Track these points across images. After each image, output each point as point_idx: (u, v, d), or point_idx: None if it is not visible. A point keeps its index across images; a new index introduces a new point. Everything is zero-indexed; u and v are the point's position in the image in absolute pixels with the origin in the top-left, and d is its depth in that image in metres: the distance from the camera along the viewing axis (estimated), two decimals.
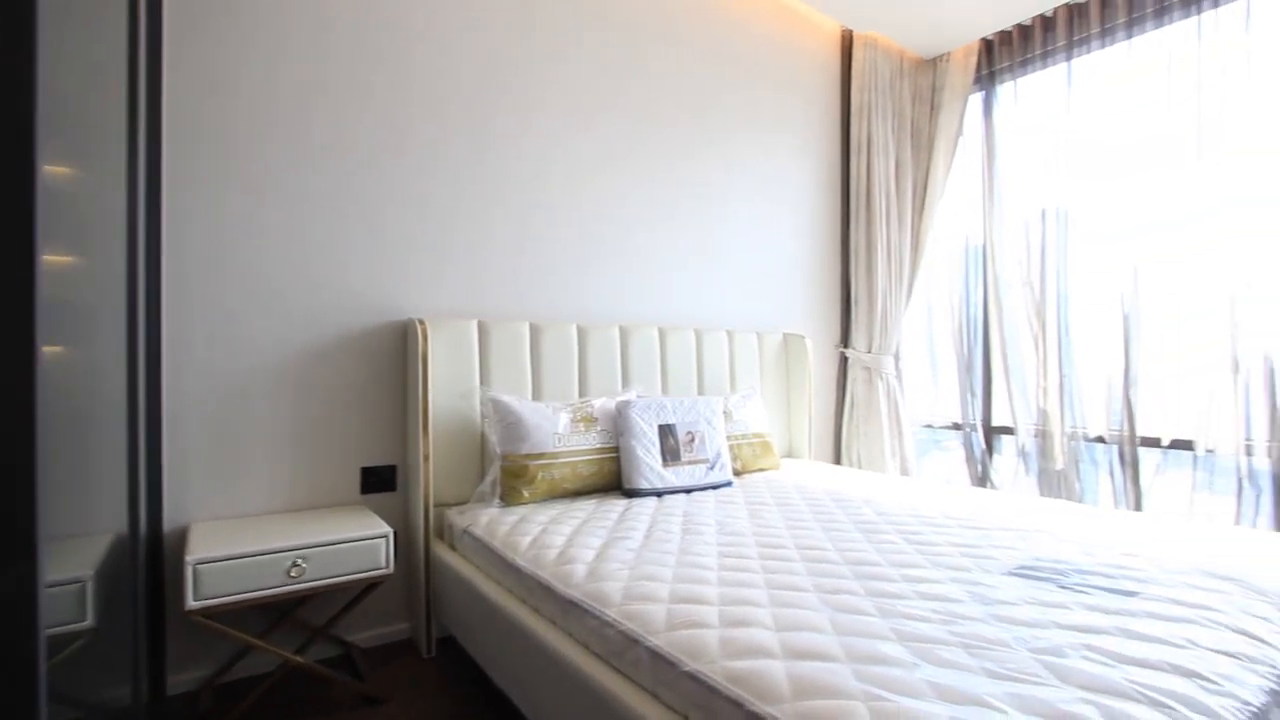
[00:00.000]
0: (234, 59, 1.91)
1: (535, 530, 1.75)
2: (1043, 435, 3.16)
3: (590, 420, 2.24)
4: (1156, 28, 2.80)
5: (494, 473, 2.09)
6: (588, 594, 1.33)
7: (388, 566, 1.81)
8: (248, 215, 1.93)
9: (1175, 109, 2.75)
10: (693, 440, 2.32)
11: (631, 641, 1.15)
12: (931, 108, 3.53)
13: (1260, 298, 2.53)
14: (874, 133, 3.39)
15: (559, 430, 2.14)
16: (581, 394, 2.45)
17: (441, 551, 2.01)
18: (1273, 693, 0.96)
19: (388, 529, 1.82)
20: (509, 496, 2.03)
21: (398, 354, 2.17)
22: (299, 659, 1.70)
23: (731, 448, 2.57)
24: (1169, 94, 2.77)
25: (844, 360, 3.58)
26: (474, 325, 2.22)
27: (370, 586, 1.82)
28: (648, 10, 2.76)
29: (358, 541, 1.75)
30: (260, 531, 1.74)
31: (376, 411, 2.13)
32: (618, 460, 2.23)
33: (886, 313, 3.43)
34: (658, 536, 1.68)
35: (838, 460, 3.57)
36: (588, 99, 2.58)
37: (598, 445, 2.21)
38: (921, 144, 3.54)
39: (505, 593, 1.63)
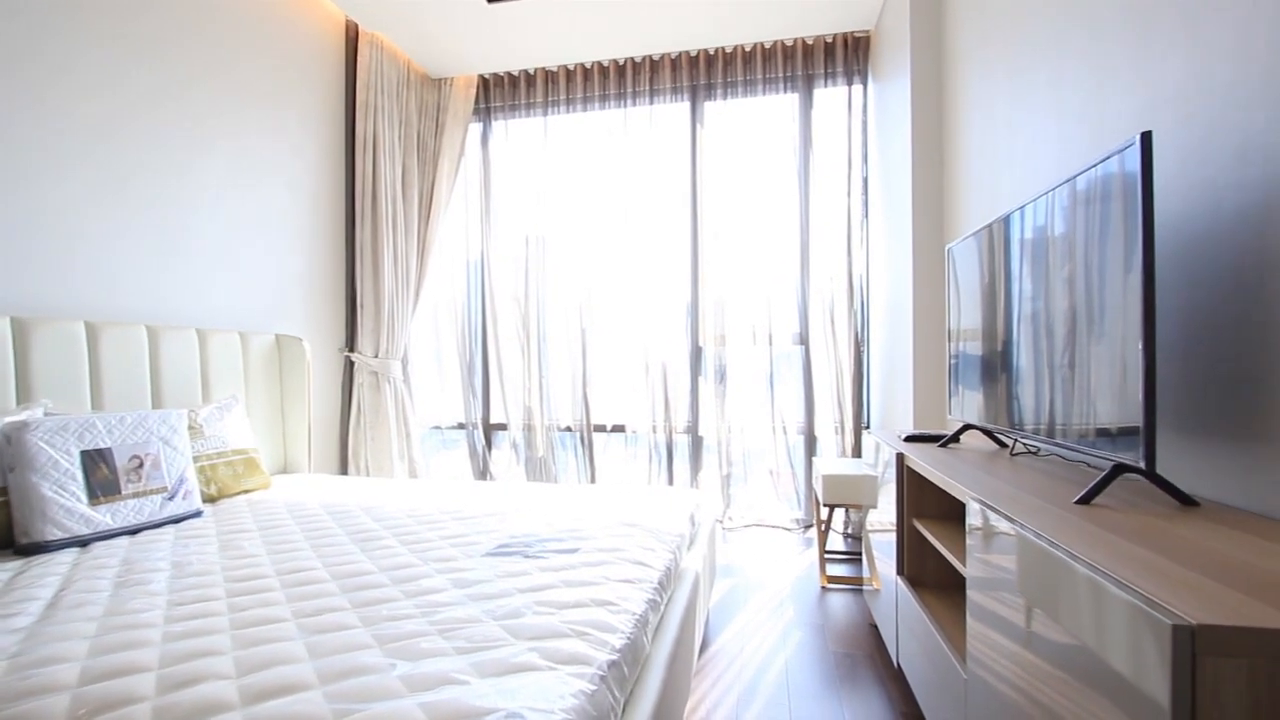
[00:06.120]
0: None
1: None
2: (529, 428, 3.70)
3: None
4: (602, 109, 3.63)
5: None
6: None
7: None
8: None
9: (612, 175, 3.61)
10: (141, 466, 1.83)
11: None
12: (437, 125, 3.71)
13: (659, 321, 3.55)
14: (380, 135, 3.36)
15: None
16: None
17: None
18: (650, 601, 1.35)
19: None
20: None
21: None
22: None
23: (203, 469, 2.14)
24: (609, 162, 3.63)
25: (350, 365, 3.43)
26: None
27: None
28: None
29: None
30: None
31: None
32: (8, 506, 1.59)
33: (394, 317, 3.44)
34: (71, 602, 1.26)
35: (344, 470, 3.39)
36: None
37: None
38: (427, 157, 3.68)
39: None
